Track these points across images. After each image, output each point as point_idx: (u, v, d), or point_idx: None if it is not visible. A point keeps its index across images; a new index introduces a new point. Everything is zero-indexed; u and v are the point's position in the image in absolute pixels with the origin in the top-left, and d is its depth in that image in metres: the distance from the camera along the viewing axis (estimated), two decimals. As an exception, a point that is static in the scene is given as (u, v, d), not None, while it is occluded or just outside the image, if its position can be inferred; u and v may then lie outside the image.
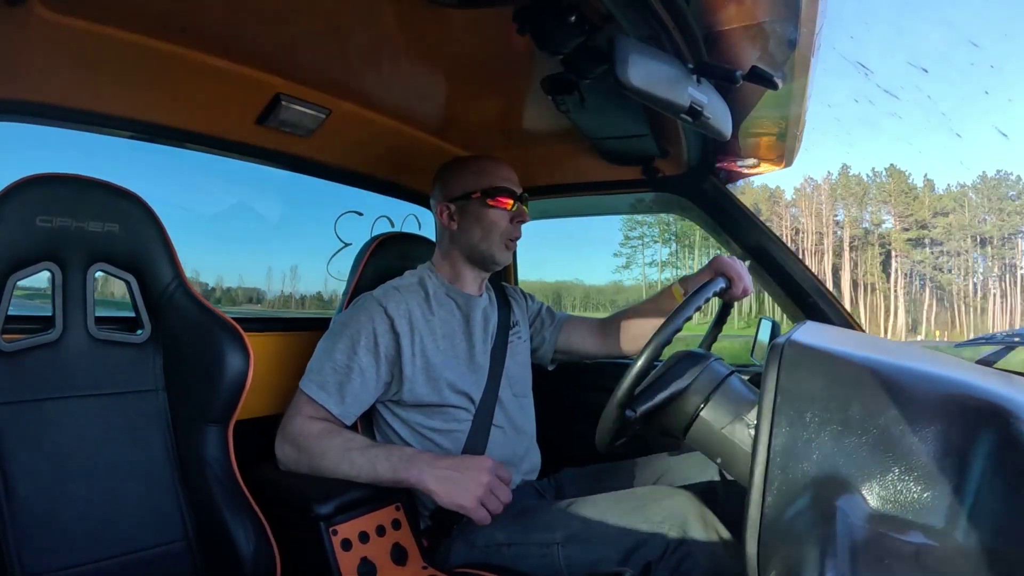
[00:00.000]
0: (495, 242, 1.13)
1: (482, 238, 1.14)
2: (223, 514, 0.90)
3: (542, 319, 1.35)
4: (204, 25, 0.89)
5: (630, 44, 0.69)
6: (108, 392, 0.89)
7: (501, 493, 0.93)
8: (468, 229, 1.14)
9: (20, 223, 0.82)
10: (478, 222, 1.14)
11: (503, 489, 0.94)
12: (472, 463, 0.95)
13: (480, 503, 0.91)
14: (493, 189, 1.13)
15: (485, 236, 1.13)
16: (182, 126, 1.15)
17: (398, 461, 0.94)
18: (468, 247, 1.15)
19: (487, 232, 1.13)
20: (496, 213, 1.13)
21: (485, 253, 1.14)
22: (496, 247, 1.14)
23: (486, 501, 0.92)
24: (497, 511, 0.93)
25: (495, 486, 0.93)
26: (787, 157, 1.26)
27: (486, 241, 1.13)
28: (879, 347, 0.68)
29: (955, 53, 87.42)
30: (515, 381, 1.20)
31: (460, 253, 1.17)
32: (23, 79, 0.93)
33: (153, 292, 0.94)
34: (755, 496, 0.55)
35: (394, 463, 0.94)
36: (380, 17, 0.87)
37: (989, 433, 0.49)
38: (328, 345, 1.05)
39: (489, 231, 1.13)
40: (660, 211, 1.63)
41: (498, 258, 1.15)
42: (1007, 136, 60.83)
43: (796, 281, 1.27)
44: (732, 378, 0.83)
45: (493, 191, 1.13)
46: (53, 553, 0.80)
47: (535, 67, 0.99)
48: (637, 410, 0.82)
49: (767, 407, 0.56)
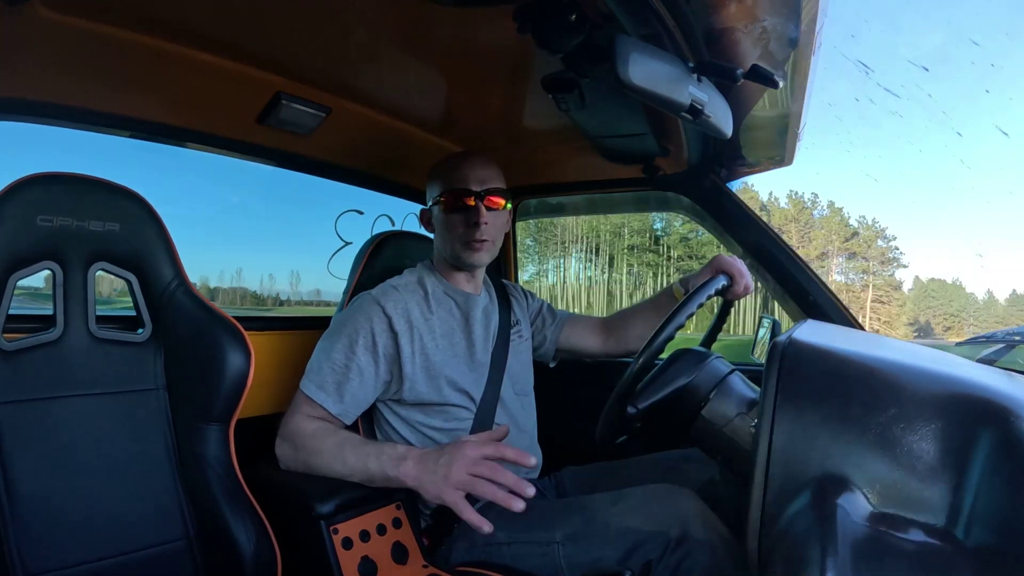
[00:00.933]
0: (456, 246, 1.12)
1: (443, 243, 1.14)
2: (224, 513, 0.90)
3: (543, 317, 1.36)
4: (204, 24, 0.89)
5: (631, 43, 0.69)
6: (109, 391, 0.89)
7: (492, 472, 0.83)
8: (437, 235, 1.16)
9: (21, 222, 0.82)
10: (440, 228, 1.14)
11: (495, 468, 0.83)
12: (447, 448, 0.87)
13: (458, 491, 0.83)
14: (448, 192, 1.12)
15: (445, 241, 1.13)
16: (182, 125, 1.15)
17: (387, 459, 0.91)
18: (441, 251, 1.17)
19: (445, 238, 1.13)
20: (452, 218, 1.11)
21: (450, 258, 1.14)
22: (460, 250, 1.12)
23: (471, 487, 0.83)
24: (494, 497, 0.81)
25: (478, 467, 0.84)
26: (787, 156, 1.26)
27: (448, 246, 1.13)
28: (880, 346, 0.68)
29: (956, 51, 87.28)
30: (517, 380, 1.20)
31: (441, 256, 1.18)
32: (24, 78, 0.93)
33: (154, 291, 0.94)
34: (756, 494, 0.55)
35: (383, 462, 0.91)
36: (380, 16, 0.87)
37: (989, 432, 0.49)
38: (327, 345, 1.05)
39: (447, 236, 1.13)
40: (661, 210, 1.63)
41: (465, 260, 1.12)
42: (1008, 135, 60.82)
43: (797, 280, 1.28)
44: (733, 376, 0.83)
45: (448, 194, 1.12)
46: (54, 551, 0.80)
47: (535, 65, 0.99)
48: (638, 408, 0.83)
49: (768, 405, 0.56)
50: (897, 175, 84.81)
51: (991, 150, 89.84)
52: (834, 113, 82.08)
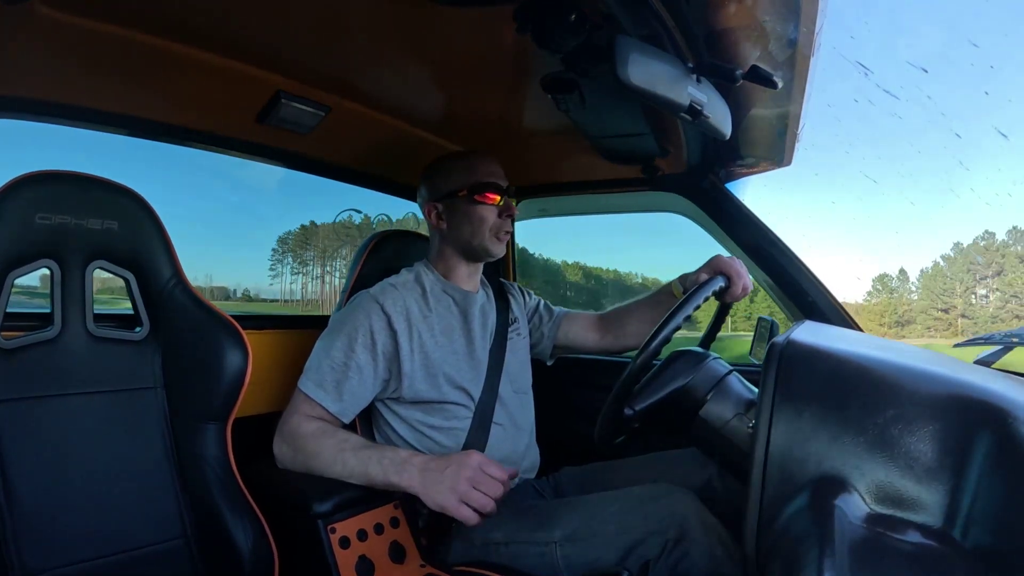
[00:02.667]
0: (486, 237, 1.14)
1: (472, 235, 1.14)
2: (221, 512, 0.90)
3: (540, 315, 1.36)
4: (204, 23, 0.89)
5: (630, 43, 0.69)
6: (107, 389, 0.89)
7: (489, 487, 0.87)
8: (458, 227, 1.15)
9: (19, 220, 0.82)
10: (467, 219, 1.14)
11: (490, 483, 0.88)
12: (455, 459, 0.90)
13: (460, 500, 0.86)
14: (479, 185, 1.13)
15: (475, 233, 1.14)
16: (182, 123, 1.15)
17: (389, 464, 0.92)
18: (460, 244, 1.16)
19: (476, 229, 1.14)
20: (484, 209, 1.13)
21: (478, 248, 1.15)
22: (489, 241, 1.14)
23: (468, 497, 0.87)
24: (485, 508, 0.86)
25: (480, 481, 0.88)
26: (786, 156, 1.26)
27: (477, 237, 1.14)
28: (877, 347, 0.68)
29: (955, 53, 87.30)
30: (515, 378, 1.20)
31: (453, 250, 1.17)
32: (24, 76, 0.93)
33: (152, 289, 0.94)
34: (754, 495, 0.55)
35: (385, 466, 0.92)
36: (380, 15, 0.87)
37: (987, 433, 0.49)
38: (326, 343, 1.05)
39: (478, 228, 1.14)
40: (660, 210, 1.63)
41: (492, 251, 1.16)
42: (1007, 137, 60.82)
43: (795, 280, 1.28)
44: (731, 377, 0.83)
45: (479, 187, 1.13)
46: (52, 550, 0.80)
47: (535, 65, 0.99)
48: (636, 408, 0.83)
49: (766, 406, 0.57)
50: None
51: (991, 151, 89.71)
52: (833, 113, 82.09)
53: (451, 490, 0.87)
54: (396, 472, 0.91)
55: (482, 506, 0.87)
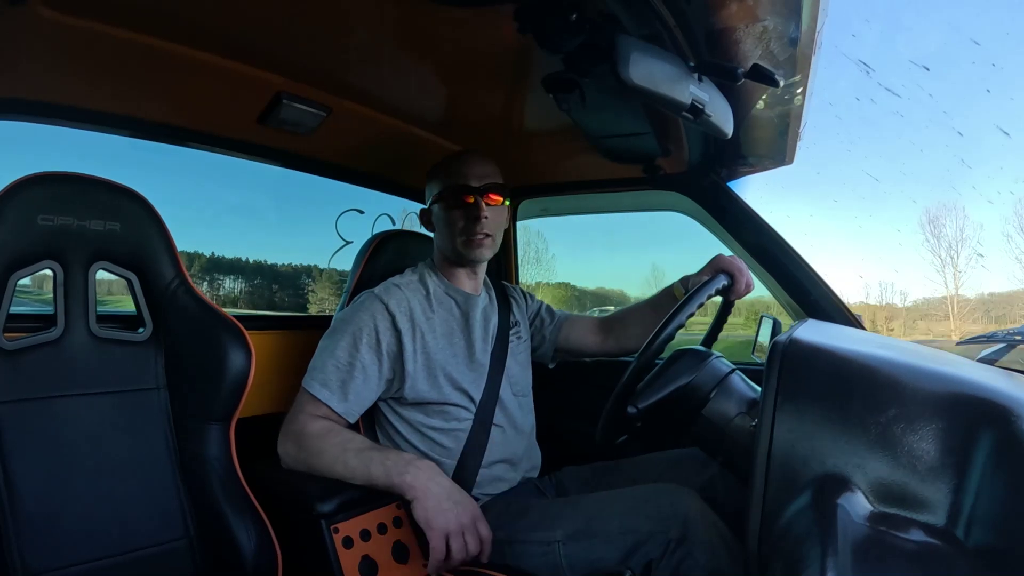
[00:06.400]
0: (458, 242, 1.13)
1: (445, 240, 1.15)
2: (225, 512, 0.90)
3: (542, 318, 1.36)
4: (205, 24, 0.89)
5: (631, 42, 0.69)
6: (110, 390, 0.89)
7: (470, 541, 0.88)
8: (439, 233, 1.17)
9: (22, 222, 0.83)
10: (441, 225, 1.16)
11: (474, 539, 0.89)
12: (464, 500, 0.91)
13: (446, 536, 0.87)
14: (447, 189, 1.13)
15: (447, 238, 1.14)
16: (183, 125, 1.15)
17: (393, 465, 0.92)
18: (443, 250, 1.17)
19: (447, 234, 1.14)
20: (453, 214, 1.13)
21: (451, 254, 1.16)
22: (461, 246, 1.13)
23: (452, 539, 0.87)
24: (458, 553, 0.87)
25: (469, 532, 0.88)
26: (788, 155, 1.26)
27: (450, 242, 1.14)
28: (880, 345, 0.68)
29: (956, 51, 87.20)
30: (516, 381, 1.20)
31: (442, 255, 1.19)
32: (24, 77, 0.93)
33: (155, 290, 0.94)
34: (756, 494, 0.55)
35: (388, 467, 0.92)
36: (381, 16, 0.87)
37: (990, 431, 0.49)
38: (330, 343, 1.05)
39: (448, 233, 1.14)
40: (661, 209, 1.63)
41: (466, 255, 1.14)
42: (1008, 135, 60.49)
43: (798, 279, 1.27)
44: (734, 376, 0.83)
45: (447, 190, 1.13)
46: (55, 550, 0.80)
47: (536, 65, 0.99)
48: (639, 407, 0.83)
49: (768, 405, 0.56)
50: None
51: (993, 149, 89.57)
52: (834, 112, 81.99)
53: (446, 521, 0.88)
54: (399, 472, 0.91)
55: (457, 550, 0.87)
